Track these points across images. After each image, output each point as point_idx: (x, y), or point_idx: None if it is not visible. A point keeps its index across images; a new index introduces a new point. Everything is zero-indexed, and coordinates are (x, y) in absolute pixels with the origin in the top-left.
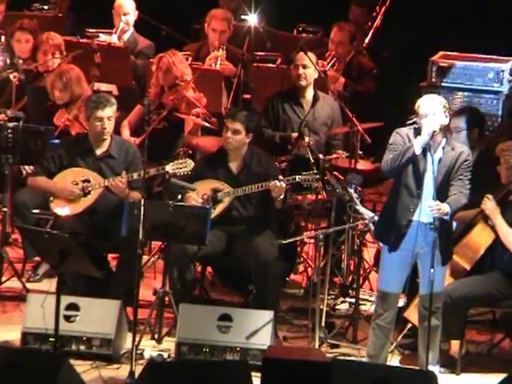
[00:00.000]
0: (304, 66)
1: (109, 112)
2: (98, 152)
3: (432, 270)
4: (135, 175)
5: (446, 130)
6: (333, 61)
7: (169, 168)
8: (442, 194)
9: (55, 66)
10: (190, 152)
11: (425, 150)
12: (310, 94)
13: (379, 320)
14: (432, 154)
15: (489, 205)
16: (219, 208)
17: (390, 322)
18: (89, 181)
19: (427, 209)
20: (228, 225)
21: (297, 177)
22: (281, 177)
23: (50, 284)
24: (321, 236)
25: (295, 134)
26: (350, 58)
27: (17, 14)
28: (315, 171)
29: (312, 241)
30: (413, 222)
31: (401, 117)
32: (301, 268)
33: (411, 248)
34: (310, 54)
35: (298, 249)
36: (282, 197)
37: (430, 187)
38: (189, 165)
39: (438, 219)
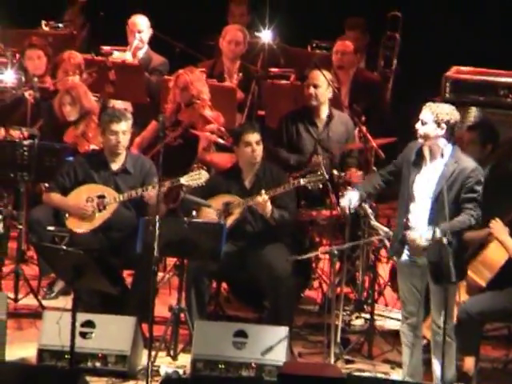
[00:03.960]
0: (315, 86)
1: (124, 126)
2: (114, 167)
3: (433, 286)
4: (150, 188)
5: (450, 140)
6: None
7: (183, 180)
8: (438, 207)
9: None
10: (205, 168)
11: (417, 161)
12: (324, 112)
13: (402, 326)
14: (423, 166)
15: (496, 227)
16: (230, 219)
17: (413, 328)
18: (104, 196)
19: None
20: (242, 240)
21: (301, 180)
22: (263, 191)
23: (66, 301)
24: (336, 251)
25: (309, 154)
26: (354, 71)
27: (28, 32)
28: (318, 172)
29: (327, 256)
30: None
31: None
32: (316, 284)
33: (414, 261)
34: (324, 72)
35: (313, 264)
36: (269, 210)
37: (423, 200)
38: (203, 176)
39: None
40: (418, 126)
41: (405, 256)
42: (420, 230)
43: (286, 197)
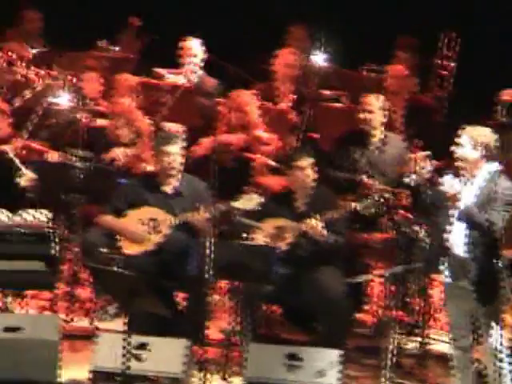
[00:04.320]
0: (369, 111)
1: (177, 148)
2: (167, 189)
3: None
4: (203, 210)
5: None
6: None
7: (236, 204)
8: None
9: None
10: (257, 192)
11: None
12: (377, 135)
13: (452, 349)
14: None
15: None
16: (284, 243)
17: (463, 351)
18: (157, 219)
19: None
20: (295, 263)
21: (357, 205)
22: (316, 215)
23: (119, 323)
24: (388, 275)
25: (361, 178)
26: (408, 95)
27: (84, 55)
28: (373, 197)
29: (380, 279)
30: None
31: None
32: (368, 307)
33: (456, 282)
34: (377, 96)
35: (366, 287)
36: (322, 235)
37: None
38: (255, 200)
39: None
40: (456, 149)
41: (448, 278)
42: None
43: (338, 221)
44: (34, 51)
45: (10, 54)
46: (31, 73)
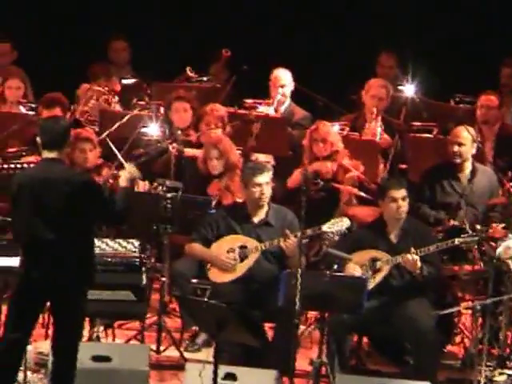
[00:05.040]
0: (460, 144)
1: (266, 178)
2: (256, 219)
3: None
4: (292, 237)
5: None
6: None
7: (325, 227)
8: None
9: None
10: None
11: None
12: (467, 167)
13: None
14: None
15: None
16: (378, 277)
17: None
18: (245, 247)
19: None
20: (385, 294)
21: (456, 240)
22: (412, 249)
23: (208, 353)
24: (478, 307)
25: (452, 222)
26: (499, 126)
27: (174, 86)
28: (473, 233)
29: (469, 311)
30: None
31: None
32: (458, 339)
33: None
34: (468, 128)
35: (456, 319)
36: (418, 268)
37: None
38: (345, 222)
39: None
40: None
41: None
42: None
43: (433, 253)
44: (124, 81)
45: (99, 88)
46: (117, 103)
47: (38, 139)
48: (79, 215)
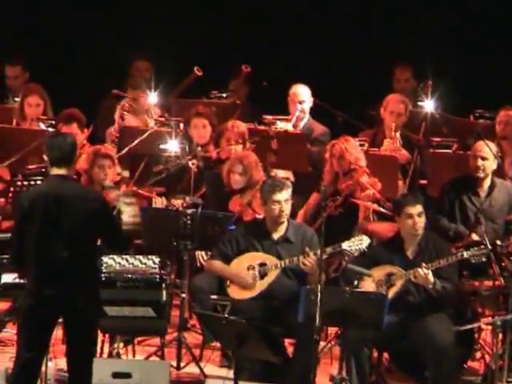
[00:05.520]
0: (483, 158)
1: (286, 195)
2: (275, 236)
3: None
4: (311, 254)
5: None
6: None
7: (345, 245)
8: None
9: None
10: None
11: None
12: (487, 181)
13: None
14: None
15: None
16: (392, 291)
17: None
18: (265, 264)
19: None
20: (403, 309)
21: (464, 253)
22: (424, 264)
23: (228, 369)
24: (498, 322)
25: (473, 237)
26: None
27: (194, 102)
28: (483, 246)
29: (489, 327)
30: None
31: None
32: (478, 354)
33: None
34: (490, 143)
35: (476, 335)
36: (431, 282)
37: None
38: (365, 241)
39: None
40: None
41: None
42: None
43: (448, 268)
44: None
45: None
46: (132, 118)
47: (45, 156)
48: (91, 232)
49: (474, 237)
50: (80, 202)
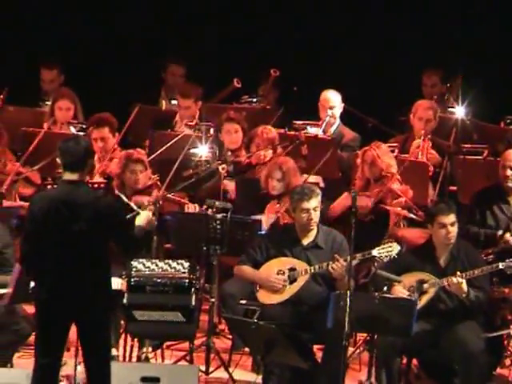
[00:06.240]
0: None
1: (314, 203)
2: (305, 242)
3: None
4: (341, 261)
5: None
6: None
7: (375, 252)
8: None
9: (267, 158)
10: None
11: None
12: None
13: None
14: None
15: None
16: (424, 299)
17: None
18: (295, 269)
19: None
20: (434, 317)
21: (500, 264)
22: (458, 273)
23: (257, 375)
24: None
25: (500, 233)
26: None
27: (225, 107)
28: None
29: None
30: None
31: None
32: (508, 361)
33: None
34: None
35: (505, 342)
36: (464, 292)
37: None
38: (395, 248)
39: None
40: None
41: None
42: None
43: (481, 277)
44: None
45: None
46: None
47: (59, 160)
48: (101, 238)
49: (509, 238)
50: (91, 208)
